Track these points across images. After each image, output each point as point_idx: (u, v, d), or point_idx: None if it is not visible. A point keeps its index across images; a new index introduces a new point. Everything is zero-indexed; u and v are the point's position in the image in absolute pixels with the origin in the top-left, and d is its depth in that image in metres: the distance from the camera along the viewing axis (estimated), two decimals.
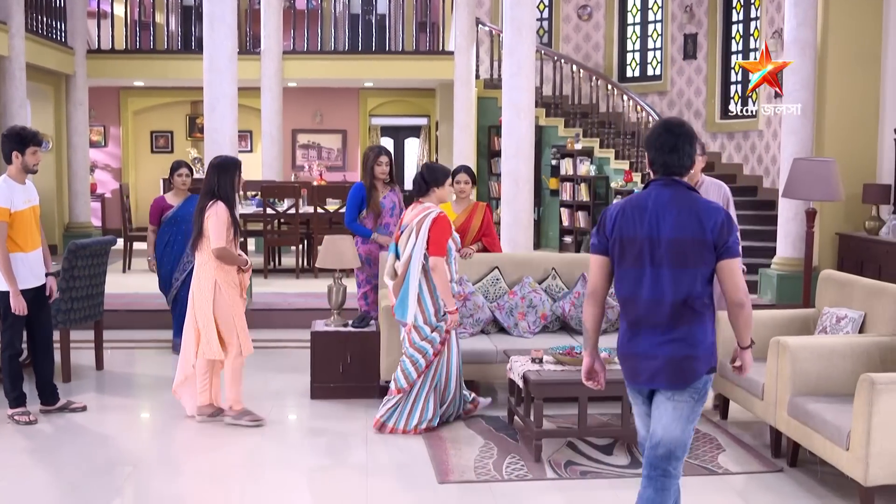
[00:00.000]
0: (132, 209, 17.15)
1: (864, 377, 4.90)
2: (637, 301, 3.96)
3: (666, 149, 3.94)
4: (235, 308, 6.47)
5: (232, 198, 6.48)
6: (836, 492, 5.35)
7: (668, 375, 3.94)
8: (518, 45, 9.72)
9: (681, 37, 15.73)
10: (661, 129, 4.00)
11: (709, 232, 3.85)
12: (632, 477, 5.59)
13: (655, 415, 4.03)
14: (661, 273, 3.89)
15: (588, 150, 14.83)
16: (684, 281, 3.87)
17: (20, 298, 6.35)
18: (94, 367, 8.14)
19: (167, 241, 8.59)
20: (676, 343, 3.91)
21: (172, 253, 8.56)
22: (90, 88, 15.79)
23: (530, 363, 6.09)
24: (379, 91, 18.99)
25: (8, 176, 6.41)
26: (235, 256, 6.46)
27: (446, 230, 6.27)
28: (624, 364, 4.10)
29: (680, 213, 3.88)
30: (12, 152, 6.37)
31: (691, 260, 3.86)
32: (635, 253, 3.93)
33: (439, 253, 6.21)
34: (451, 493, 5.35)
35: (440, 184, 6.43)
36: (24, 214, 6.41)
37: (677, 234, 3.86)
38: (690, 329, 3.92)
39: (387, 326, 6.90)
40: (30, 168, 6.43)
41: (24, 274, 6.43)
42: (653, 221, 3.90)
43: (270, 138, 15.48)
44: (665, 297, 3.89)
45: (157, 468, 5.92)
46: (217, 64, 9.68)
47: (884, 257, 9.78)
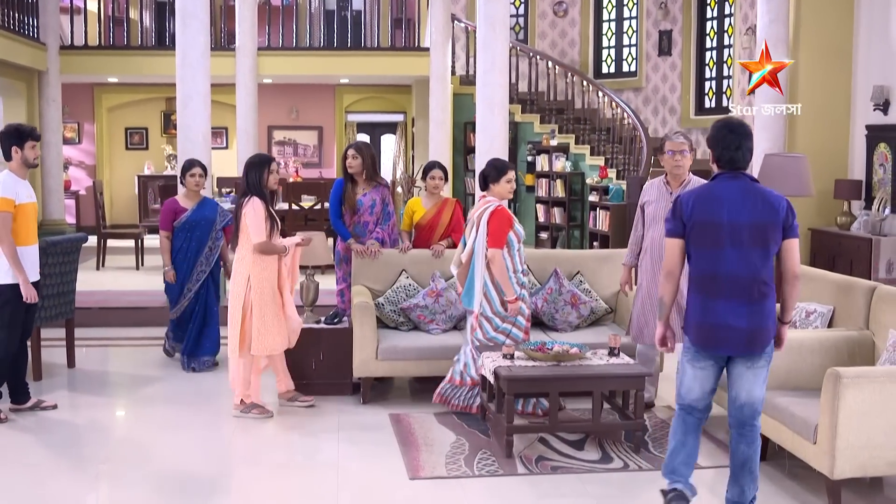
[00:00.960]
0: (107, 206, 17.10)
1: (830, 371, 4.94)
2: (718, 278, 4.56)
3: (732, 147, 4.58)
4: (266, 306, 6.58)
5: (263, 193, 6.63)
6: (805, 485, 5.38)
7: (749, 344, 4.57)
8: (492, 40, 9.72)
9: (656, 33, 15.79)
10: (725, 129, 4.63)
11: (780, 215, 4.52)
12: (602, 472, 5.62)
13: (737, 381, 4.67)
14: (743, 253, 4.51)
15: (564, 146, 14.87)
16: (761, 259, 4.52)
17: (30, 287, 6.46)
18: (65, 365, 8.08)
19: (179, 247, 7.95)
20: (755, 316, 4.54)
21: (185, 262, 7.95)
22: (63, 85, 15.69)
23: (502, 359, 6.09)
24: (355, 87, 18.96)
25: (10, 171, 6.50)
26: (277, 247, 6.64)
27: (503, 223, 6.33)
28: (698, 333, 4.66)
29: (755, 201, 4.54)
30: (11, 148, 6.47)
31: (768, 240, 4.52)
32: (714, 236, 4.54)
33: (495, 245, 6.29)
34: (422, 489, 5.35)
35: (494, 179, 6.46)
36: (26, 208, 6.51)
37: (757, 219, 4.51)
38: (763, 303, 4.55)
39: (359, 323, 6.90)
40: (30, 162, 6.52)
41: (27, 267, 6.51)
42: (732, 208, 4.53)
43: (246, 135, 15.41)
44: (746, 273, 4.51)
45: (127, 466, 5.89)
46: (189, 60, 9.64)
47: (855, 252, 9.85)
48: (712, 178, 4.70)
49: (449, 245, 7.66)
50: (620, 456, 5.87)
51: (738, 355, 4.62)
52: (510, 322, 6.41)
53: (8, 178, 6.43)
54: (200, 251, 7.96)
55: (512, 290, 6.33)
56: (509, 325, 6.41)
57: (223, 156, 18.25)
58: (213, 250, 8.01)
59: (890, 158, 9.98)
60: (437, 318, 7.28)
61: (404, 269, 7.51)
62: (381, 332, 7.16)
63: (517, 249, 6.41)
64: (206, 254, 7.98)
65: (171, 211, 8.02)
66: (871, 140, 10.33)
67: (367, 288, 7.45)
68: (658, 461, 5.76)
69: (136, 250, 13.02)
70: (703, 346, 4.67)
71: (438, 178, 7.71)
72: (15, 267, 6.38)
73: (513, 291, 6.33)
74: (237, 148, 15.70)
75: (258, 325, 6.58)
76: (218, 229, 8.02)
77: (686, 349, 4.78)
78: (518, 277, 6.41)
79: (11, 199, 6.37)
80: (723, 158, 4.64)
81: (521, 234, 6.48)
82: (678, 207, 4.67)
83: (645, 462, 5.77)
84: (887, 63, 10.06)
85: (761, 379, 4.66)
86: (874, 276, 9.53)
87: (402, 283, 7.43)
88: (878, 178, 10.19)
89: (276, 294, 6.68)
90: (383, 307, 7.35)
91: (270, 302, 6.62)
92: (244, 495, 5.39)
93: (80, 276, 8.25)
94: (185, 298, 7.97)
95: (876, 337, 5.85)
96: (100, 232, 13.16)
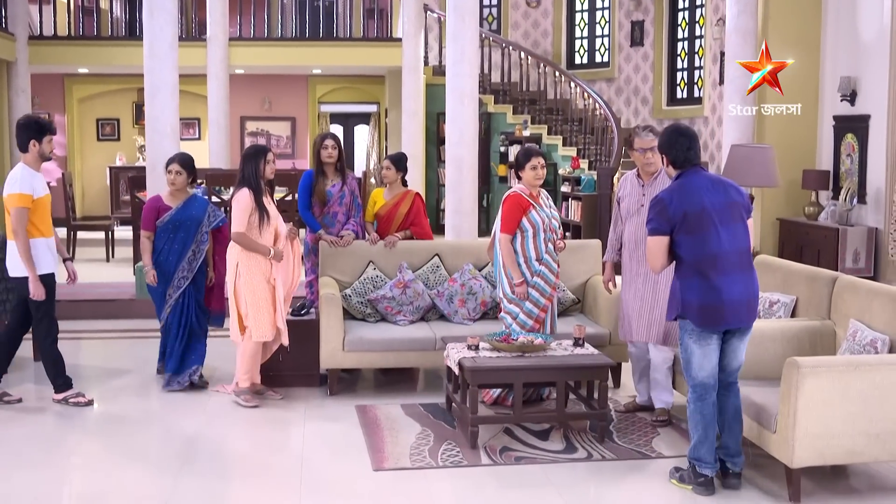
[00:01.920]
0: (77, 198, 17.00)
1: (789, 361, 4.97)
2: (717, 256, 4.98)
3: (684, 148, 5.13)
4: (256, 294, 6.66)
5: (256, 184, 6.68)
6: (766, 473, 5.42)
7: (749, 314, 5.11)
8: (461, 31, 9.73)
9: (628, 24, 15.82)
10: (676, 134, 5.19)
11: (744, 197, 5.21)
12: (566, 462, 5.64)
13: (730, 352, 5.18)
14: (730, 230, 5.03)
15: (536, 136, 14.88)
16: (743, 233, 5.09)
17: (39, 284, 6.51)
18: (31, 358, 8.02)
19: (160, 249, 7.20)
20: (749, 286, 5.09)
21: (167, 264, 7.20)
22: (33, 75, 15.54)
23: (466, 350, 6.10)
24: (328, 78, 18.89)
25: (26, 165, 6.53)
26: (254, 243, 6.65)
27: (512, 208, 6.46)
28: (703, 314, 5.01)
29: (723, 186, 5.15)
30: (30, 140, 6.51)
31: (743, 217, 5.12)
32: (704, 221, 4.98)
33: (504, 230, 6.46)
34: (385, 480, 5.36)
35: (520, 167, 6.56)
36: (43, 201, 6.57)
37: (731, 199, 5.09)
38: (752, 272, 5.15)
39: (326, 315, 6.89)
40: (46, 155, 6.60)
41: (48, 259, 6.61)
42: (708, 195, 5.04)
43: (217, 126, 15.34)
44: (736, 247, 5.04)
45: (91, 459, 5.87)
46: (157, 51, 9.59)
47: (822, 242, 9.93)
48: (676, 177, 5.18)
49: (406, 237, 7.66)
50: (585, 446, 5.89)
51: (740, 327, 5.11)
52: (516, 304, 6.46)
53: (25, 173, 6.47)
54: (183, 254, 7.17)
55: (518, 273, 6.44)
56: (516, 307, 6.47)
57: (196, 147, 18.10)
58: (196, 254, 7.20)
59: (857, 149, 10.06)
60: (405, 310, 7.28)
61: (371, 261, 7.51)
62: (349, 324, 7.16)
63: (532, 235, 6.45)
64: (189, 258, 7.18)
65: (153, 209, 7.27)
66: (838, 131, 10.41)
67: (334, 279, 7.44)
68: (622, 451, 5.81)
69: (107, 242, 12.95)
70: (709, 325, 5.04)
71: (386, 169, 7.71)
72: (26, 262, 6.46)
73: (518, 275, 6.43)
74: (209, 139, 15.62)
75: (253, 312, 6.66)
76: (204, 231, 7.23)
77: (689, 332, 5.10)
78: (532, 265, 6.46)
79: (29, 194, 6.43)
80: (678, 160, 5.15)
81: (541, 221, 6.48)
82: (661, 207, 5.04)
83: (608, 452, 5.79)
84: (854, 54, 10.13)
85: (745, 343, 5.23)
86: (841, 266, 9.62)
87: (370, 275, 7.42)
88: (846, 168, 10.27)
89: (267, 283, 6.71)
90: (350, 298, 7.34)
91: (260, 288, 6.67)
92: (206, 487, 5.38)
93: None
94: (168, 306, 7.22)
95: (837, 326, 5.90)
96: (69, 224, 13.07)
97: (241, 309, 6.71)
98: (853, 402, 4.95)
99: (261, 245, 6.67)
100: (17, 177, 6.45)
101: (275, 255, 6.71)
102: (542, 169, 6.51)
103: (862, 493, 5.34)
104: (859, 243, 9.66)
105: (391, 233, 7.62)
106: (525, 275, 6.45)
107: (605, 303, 7.27)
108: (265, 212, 6.70)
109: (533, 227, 6.45)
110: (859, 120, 10.01)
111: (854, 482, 5.47)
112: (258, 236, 6.68)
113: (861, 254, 9.67)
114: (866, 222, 9.90)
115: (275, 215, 6.83)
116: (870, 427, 4.99)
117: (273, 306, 6.75)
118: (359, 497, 5.22)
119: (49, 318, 6.71)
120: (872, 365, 5.02)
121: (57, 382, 6.80)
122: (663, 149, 5.24)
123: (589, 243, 8.05)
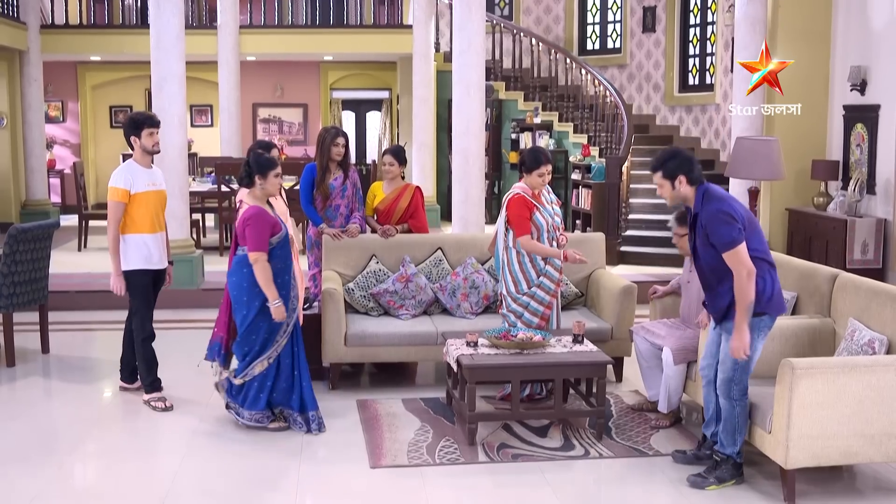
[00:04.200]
0: (91, 185, 17.09)
1: (784, 362, 4.96)
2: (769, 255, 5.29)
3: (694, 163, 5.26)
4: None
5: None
6: (761, 472, 5.43)
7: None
8: (468, 21, 9.69)
9: (640, 10, 15.71)
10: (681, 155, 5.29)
11: None
12: (563, 459, 5.66)
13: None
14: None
15: (547, 123, 14.83)
16: None
17: (120, 279, 6.52)
18: (39, 350, 8.10)
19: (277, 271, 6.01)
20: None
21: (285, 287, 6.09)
22: (47, 63, 15.62)
23: (465, 346, 6.12)
24: (340, 64, 18.88)
25: (133, 160, 6.59)
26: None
27: (521, 209, 6.39)
28: (778, 302, 5.24)
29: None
30: (130, 138, 6.57)
31: None
32: (752, 217, 5.25)
33: (520, 233, 6.38)
34: (381, 477, 5.39)
35: (527, 170, 6.47)
36: (145, 197, 6.53)
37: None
38: None
39: (328, 310, 6.92)
40: (148, 150, 6.58)
41: (137, 256, 6.55)
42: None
43: (228, 113, 15.38)
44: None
45: (95, 453, 5.93)
46: (164, 43, 9.62)
47: (831, 233, 9.87)
48: (703, 192, 5.21)
49: (404, 230, 7.68)
50: (582, 443, 5.91)
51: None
52: (521, 305, 6.46)
53: (124, 169, 6.52)
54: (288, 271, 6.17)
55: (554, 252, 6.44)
56: (521, 307, 6.46)
57: (208, 134, 18.24)
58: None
59: (866, 139, 9.98)
60: (407, 304, 7.30)
61: (374, 255, 7.53)
62: (352, 318, 7.19)
63: (537, 238, 6.43)
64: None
65: (267, 224, 5.93)
66: (848, 121, 10.32)
67: (337, 273, 7.47)
68: (619, 448, 5.83)
69: None
70: (779, 311, 5.28)
71: (389, 164, 7.70)
72: (111, 255, 6.50)
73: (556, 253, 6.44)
74: (220, 127, 15.65)
75: None
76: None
77: (763, 329, 5.22)
78: (538, 264, 6.46)
79: (125, 189, 6.44)
80: (695, 174, 5.22)
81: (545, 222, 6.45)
82: (727, 217, 5.06)
83: (606, 449, 5.80)
84: (865, 43, 10.03)
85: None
86: (849, 258, 9.56)
87: (373, 269, 7.44)
88: (855, 158, 10.19)
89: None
90: (353, 292, 7.37)
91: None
92: (204, 482, 5.43)
93: (61, 258, 8.26)
94: (282, 337, 6.09)
95: (836, 325, 5.88)
96: (81, 213, 13.14)
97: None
98: (848, 403, 4.95)
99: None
100: (118, 171, 6.52)
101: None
102: (547, 176, 6.51)
103: (857, 494, 5.34)
104: (868, 234, 9.59)
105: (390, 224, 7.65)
106: (530, 275, 6.44)
107: (608, 297, 7.27)
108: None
109: (538, 228, 6.44)
110: (869, 110, 9.92)
111: (849, 483, 5.46)
112: None
113: (870, 245, 9.60)
114: (875, 213, 9.82)
115: (282, 211, 6.67)
116: (865, 428, 4.99)
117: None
118: (353, 496, 5.25)
119: (140, 315, 6.64)
120: (867, 366, 5.00)
121: (145, 382, 6.73)
122: (678, 169, 5.20)
123: (592, 237, 8.04)
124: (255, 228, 5.84)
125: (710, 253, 5.16)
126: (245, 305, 5.96)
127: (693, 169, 5.20)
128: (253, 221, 5.86)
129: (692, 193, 5.22)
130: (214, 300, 9.37)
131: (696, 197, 5.21)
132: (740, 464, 5.32)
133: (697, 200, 5.21)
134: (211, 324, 8.06)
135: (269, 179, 5.98)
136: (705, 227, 5.12)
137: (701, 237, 5.19)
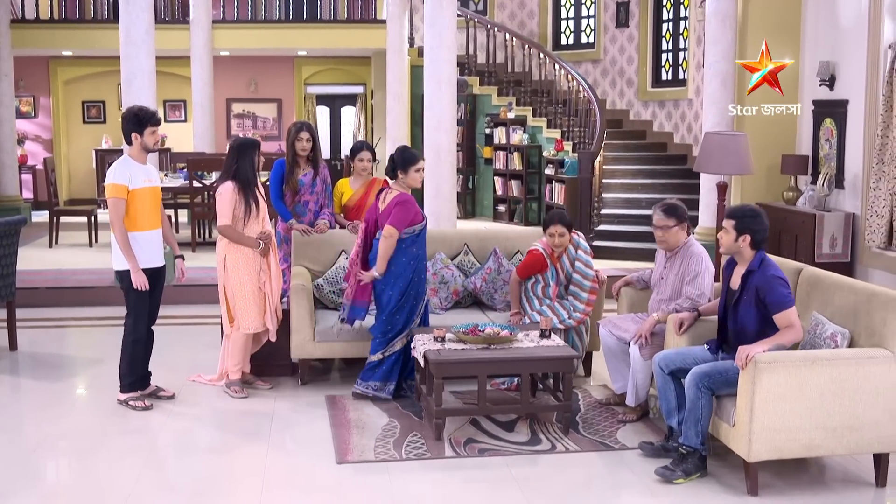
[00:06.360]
0: (63, 181, 16.98)
1: None
2: None
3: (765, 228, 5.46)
4: (244, 287, 6.70)
5: (252, 177, 6.73)
6: (725, 466, 5.46)
7: None
8: (439, 16, 9.72)
9: (613, 5, 15.74)
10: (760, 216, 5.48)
11: None
12: (529, 454, 5.67)
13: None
14: None
15: (521, 118, 14.86)
16: None
17: (141, 274, 6.39)
18: (7, 347, 8.04)
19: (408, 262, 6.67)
20: None
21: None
22: (17, 58, 15.47)
23: (433, 342, 6.12)
24: (314, 59, 18.82)
25: (128, 156, 6.47)
26: (241, 236, 6.67)
27: (531, 263, 6.98)
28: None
29: None
30: (131, 133, 6.44)
31: None
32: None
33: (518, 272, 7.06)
34: (347, 473, 5.39)
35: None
36: (142, 193, 6.43)
37: None
38: None
39: (296, 306, 6.90)
40: (149, 147, 6.52)
41: (148, 252, 6.48)
42: None
43: (201, 109, 15.31)
44: None
45: (61, 450, 5.90)
46: (133, 38, 9.57)
47: (800, 227, 9.93)
48: (762, 258, 5.41)
49: None
50: (549, 438, 5.93)
51: None
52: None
53: (121, 164, 6.41)
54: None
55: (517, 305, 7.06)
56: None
57: (182, 129, 18.14)
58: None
59: (835, 134, 10.05)
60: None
61: (343, 250, 7.51)
62: (320, 314, 7.17)
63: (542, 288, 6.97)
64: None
65: (412, 212, 6.58)
66: (817, 115, 10.38)
67: (306, 269, 7.45)
68: (585, 442, 5.84)
69: (89, 227, 12.89)
70: None
71: (367, 161, 7.71)
72: (126, 253, 6.36)
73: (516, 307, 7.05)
74: (193, 122, 15.59)
75: (240, 305, 6.70)
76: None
77: None
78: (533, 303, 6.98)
79: (124, 185, 6.33)
80: (761, 238, 5.45)
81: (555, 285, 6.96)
82: (784, 282, 5.32)
83: (572, 444, 5.83)
84: (833, 39, 10.09)
85: None
86: (818, 252, 9.62)
87: (342, 264, 7.42)
88: (824, 153, 10.25)
89: (254, 277, 6.74)
90: (322, 288, 7.36)
91: (247, 281, 6.70)
92: (170, 478, 5.41)
93: (32, 254, 8.19)
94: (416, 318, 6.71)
95: (802, 319, 5.90)
96: (52, 209, 13.04)
97: (230, 301, 6.75)
98: (810, 396, 5.00)
99: (248, 238, 6.68)
100: (115, 167, 6.41)
101: (262, 248, 6.73)
102: (559, 237, 6.84)
103: (821, 487, 5.38)
104: (836, 229, 9.66)
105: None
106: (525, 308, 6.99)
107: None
108: (255, 205, 6.71)
109: (544, 282, 6.92)
110: (838, 105, 9.98)
111: (815, 476, 5.51)
112: (243, 229, 6.69)
113: (838, 239, 9.67)
114: (844, 208, 9.90)
115: (263, 207, 6.82)
116: (827, 421, 5.04)
117: (264, 300, 6.78)
118: (318, 491, 5.24)
119: (135, 315, 6.54)
120: (829, 360, 5.05)
121: (124, 381, 6.62)
122: (750, 230, 5.39)
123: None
124: (402, 210, 6.42)
125: (750, 313, 5.34)
126: (391, 286, 6.51)
127: (764, 235, 5.42)
128: (402, 206, 6.44)
129: (750, 255, 5.42)
130: (188, 296, 9.36)
131: (753, 260, 5.40)
132: (705, 457, 5.36)
133: (754, 263, 5.39)
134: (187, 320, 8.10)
135: (410, 174, 6.50)
136: (760, 289, 5.28)
137: (750, 297, 5.34)
